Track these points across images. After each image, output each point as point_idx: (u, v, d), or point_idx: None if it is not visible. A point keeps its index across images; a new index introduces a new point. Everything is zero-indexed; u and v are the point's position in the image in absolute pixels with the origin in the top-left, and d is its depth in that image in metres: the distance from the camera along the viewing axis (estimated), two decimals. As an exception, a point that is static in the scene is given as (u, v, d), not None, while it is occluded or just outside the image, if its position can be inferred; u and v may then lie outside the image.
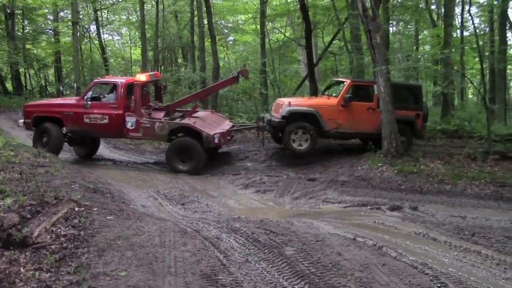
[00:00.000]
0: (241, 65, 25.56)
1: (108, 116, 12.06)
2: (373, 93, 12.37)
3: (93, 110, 12.15)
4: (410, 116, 12.22)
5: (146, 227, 5.90)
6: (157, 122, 12.01)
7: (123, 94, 12.09)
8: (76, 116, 12.25)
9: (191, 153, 11.69)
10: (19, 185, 7.29)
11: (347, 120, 12.26)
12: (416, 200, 8.84)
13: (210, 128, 11.90)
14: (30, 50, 29.78)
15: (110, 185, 9.32)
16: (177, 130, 11.95)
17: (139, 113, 12.11)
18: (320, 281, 4.50)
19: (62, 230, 5.42)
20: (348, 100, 12.19)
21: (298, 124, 12.05)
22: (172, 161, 11.82)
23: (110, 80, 13.41)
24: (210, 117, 13.12)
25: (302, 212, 8.37)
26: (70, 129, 12.55)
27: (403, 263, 5.05)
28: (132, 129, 12.07)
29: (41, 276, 4.32)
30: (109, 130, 12.31)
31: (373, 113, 12.20)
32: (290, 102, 12.39)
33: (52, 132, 12.37)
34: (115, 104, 12.13)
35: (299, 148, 12.14)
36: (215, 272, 4.62)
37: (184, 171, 11.62)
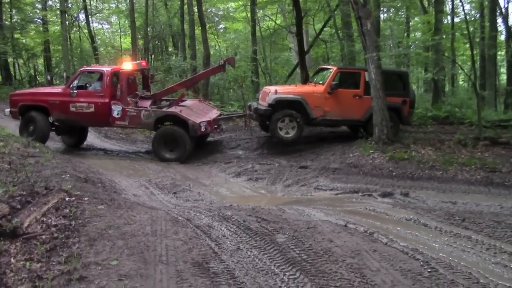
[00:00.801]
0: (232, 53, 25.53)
1: (94, 105, 12.00)
2: (359, 80, 12.37)
3: (79, 98, 12.09)
4: (397, 103, 12.22)
5: (138, 216, 5.89)
6: (143, 111, 11.97)
7: (109, 83, 12.03)
8: (62, 105, 12.18)
9: (177, 141, 11.67)
10: (9, 176, 7.24)
11: (333, 108, 12.27)
12: (407, 187, 8.88)
13: (196, 117, 11.87)
14: (19, 39, 29.40)
15: (101, 175, 9.29)
16: (163, 119, 11.93)
17: (125, 101, 12.05)
18: (312, 268, 4.52)
19: (53, 220, 5.40)
20: (334, 87, 12.18)
21: (285, 112, 12.03)
22: (158, 149, 11.81)
23: (96, 69, 13.26)
24: (197, 105, 13.11)
25: (294, 200, 8.39)
26: (56, 118, 12.47)
27: (394, 249, 5.08)
28: (118, 118, 12.02)
29: (31, 266, 4.30)
30: (95, 119, 12.24)
31: (360, 100, 12.24)
32: (277, 90, 12.37)
33: (38, 121, 12.30)
34: (101, 93, 12.07)
35: (286, 136, 12.12)
36: (207, 260, 4.62)
37: (170, 159, 11.61)
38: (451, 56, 18.78)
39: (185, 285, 4.05)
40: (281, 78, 22.03)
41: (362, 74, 12.36)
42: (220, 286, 4.11)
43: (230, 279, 4.25)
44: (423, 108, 15.93)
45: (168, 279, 4.16)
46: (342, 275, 4.38)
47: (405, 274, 4.44)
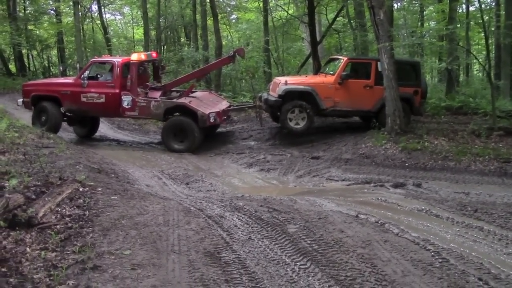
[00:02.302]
0: (244, 44, 25.48)
1: (105, 95, 12.09)
2: (370, 70, 12.30)
3: (90, 89, 12.19)
4: (408, 93, 12.10)
5: (150, 206, 5.95)
6: (153, 101, 12.02)
7: (120, 73, 12.11)
8: (73, 95, 12.29)
9: (186, 132, 11.70)
10: (24, 166, 7.34)
11: (344, 98, 12.21)
12: (420, 177, 8.85)
13: (205, 108, 11.89)
14: (32, 31, 29.59)
15: (115, 165, 9.38)
16: (173, 109, 11.99)
17: (135, 92, 12.12)
18: (323, 258, 4.55)
19: (67, 210, 5.49)
20: (344, 78, 12.14)
21: (295, 103, 11.99)
22: (167, 140, 11.88)
23: (107, 60, 13.42)
24: (207, 97, 13.14)
25: (305, 190, 8.41)
26: (67, 108, 12.59)
27: (405, 240, 5.09)
28: (128, 108, 12.10)
29: (46, 255, 4.38)
30: (106, 109, 12.34)
31: (371, 90, 12.18)
32: (287, 80, 12.34)
33: (50, 111, 12.46)
34: (112, 83, 12.15)
35: (296, 127, 12.09)
36: (219, 250, 4.67)
37: (179, 150, 11.66)
38: (466, 46, 18.57)
39: (197, 275, 4.10)
40: (293, 69, 21.97)
41: (373, 64, 12.29)
42: (232, 275, 4.15)
43: (242, 269, 4.29)
44: (437, 98, 15.77)
45: (180, 268, 4.21)
46: (352, 265, 4.40)
47: (416, 264, 4.45)
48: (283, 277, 4.17)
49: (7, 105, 15.00)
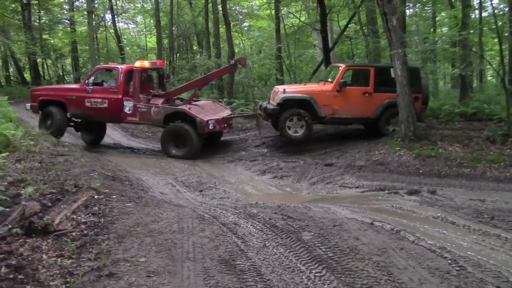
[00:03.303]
0: (256, 51, 25.55)
1: (108, 101, 12.42)
2: (369, 77, 12.28)
3: (94, 94, 12.56)
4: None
5: (165, 213, 5.97)
6: (153, 107, 12.25)
7: (123, 80, 12.43)
8: (78, 100, 12.67)
9: (184, 138, 11.85)
10: (40, 174, 7.42)
11: (343, 106, 12.19)
12: (435, 184, 8.77)
13: (205, 115, 12.02)
14: (47, 40, 30.01)
15: (129, 173, 9.43)
16: (172, 115, 12.14)
17: (137, 98, 12.38)
18: (338, 266, 4.52)
19: (82, 217, 5.52)
20: (342, 85, 12.13)
21: (293, 111, 12.01)
22: (166, 145, 12.08)
23: (111, 66, 13.82)
24: (209, 105, 13.31)
25: (319, 197, 8.38)
26: (72, 113, 12.92)
27: (421, 247, 5.03)
28: (129, 113, 12.39)
29: (63, 262, 4.41)
30: (109, 114, 12.62)
31: (370, 97, 12.18)
32: (285, 89, 12.41)
33: (56, 115, 12.79)
34: (115, 89, 12.49)
35: (294, 135, 12.10)
36: (233, 257, 4.66)
37: (177, 156, 11.81)
38: (479, 51, 18.43)
39: (212, 282, 4.09)
40: (305, 76, 21.96)
41: (371, 71, 12.32)
42: (247, 283, 4.14)
43: (257, 276, 4.28)
44: (450, 104, 15.66)
45: (195, 276, 4.21)
46: (368, 273, 4.36)
47: (432, 272, 4.40)
48: (298, 285, 4.15)
49: (22, 113, 15.14)
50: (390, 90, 12.06)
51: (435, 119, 13.98)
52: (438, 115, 14.18)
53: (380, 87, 12.18)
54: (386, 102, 12.11)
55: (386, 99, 12.11)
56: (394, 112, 12.01)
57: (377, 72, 12.35)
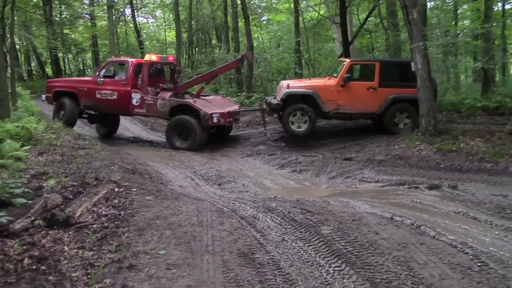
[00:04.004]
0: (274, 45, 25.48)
1: (117, 93, 12.82)
2: (374, 72, 12.18)
3: (105, 86, 12.96)
4: (414, 94, 11.79)
5: (184, 207, 6.00)
6: (160, 100, 12.54)
7: (132, 73, 12.82)
8: (89, 92, 13.10)
9: (189, 130, 12.05)
10: (61, 167, 7.51)
11: (347, 101, 12.13)
12: (455, 179, 8.64)
13: (210, 108, 12.17)
14: (68, 35, 30.34)
15: (148, 166, 9.49)
16: (178, 108, 12.33)
17: (145, 90, 12.72)
18: (357, 260, 4.49)
19: (103, 210, 5.58)
20: (347, 80, 12.05)
21: (296, 106, 12.04)
22: (170, 137, 12.34)
23: (122, 59, 14.22)
24: (217, 100, 13.51)
25: (338, 192, 8.33)
26: (84, 104, 13.36)
27: (442, 242, 4.97)
28: (137, 105, 12.72)
29: (84, 254, 4.46)
30: (117, 106, 12.94)
31: (375, 92, 12.07)
32: (289, 84, 12.43)
33: (67, 106, 13.21)
34: (124, 82, 12.86)
35: (298, 130, 12.13)
36: (252, 251, 4.67)
37: (181, 148, 12.02)
38: (502, 45, 18.10)
39: (231, 275, 4.11)
40: (324, 69, 21.83)
41: (376, 66, 12.21)
42: (266, 276, 4.14)
43: (276, 270, 4.28)
44: (472, 98, 15.43)
45: (215, 268, 4.22)
46: (388, 267, 4.33)
47: (453, 268, 4.35)
48: (317, 279, 4.14)
49: (43, 107, 15.36)
50: (395, 85, 11.99)
51: (456, 113, 13.78)
52: (459, 109, 13.98)
53: (385, 82, 12.06)
54: (392, 97, 12.00)
55: (391, 94, 12.00)
56: (400, 107, 11.93)
57: (382, 66, 12.23)
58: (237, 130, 14.54)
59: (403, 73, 12.26)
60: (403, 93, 11.92)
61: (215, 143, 13.19)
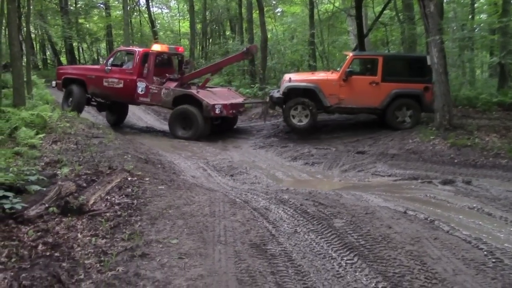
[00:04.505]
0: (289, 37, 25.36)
1: (123, 81, 13.01)
2: (377, 66, 12.05)
3: (112, 74, 13.17)
4: (417, 90, 11.78)
5: (196, 197, 6.01)
6: (164, 89, 12.71)
7: (139, 62, 12.99)
8: (97, 79, 13.33)
9: (191, 120, 12.17)
10: (75, 155, 7.57)
11: (349, 95, 12.03)
12: (470, 174, 8.56)
13: (213, 99, 12.27)
14: (83, 24, 30.46)
15: (161, 156, 9.53)
16: (181, 98, 12.46)
17: (150, 80, 12.86)
18: (370, 254, 4.47)
19: (116, 198, 5.61)
20: (349, 75, 11.95)
21: (297, 100, 12.01)
22: (173, 127, 12.49)
23: (130, 49, 14.48)
24: (222, 92, 13.65)
25: (351, 185, 8.30)
26: (91, 91, 13.61)
27: (456, 238, 4.93)
28: (142, 94, 12.89)
29: (97, 242, 4.49)
30: (123, 94, 13.12)
31: (377, 87, 11.95)
32: (291, 78, 12.40)
33: (75, 92, 13.45)
34: (131, 70, 13.03)
35: (299, 124, 12.12)
36: (264, 242, 4.66)
37: (182, 137, 12.16)
38: (520, 39, 17.82)
39: (243, 266, 4.10)
40: (338, 62, 21.68)
41: (379, 60, 12.08)
42: (278, 268, 4.13)
43: (288, 262, 4.27)
44: (488, 93, 15.24)
45: (227, 259, 4.23)
46: (401, 262, 4.30)
47: (467, 263, 4.30)
48: (329, 272, 4.13)
49: (58, 96, 15.45)
50: (398, 80, 11.86)
51: (472, 108, 13.61)
52: (475, 104, 13.81)
53: (388, 76, 11.93)
54: (394, 92, 11.88)
55: (394, 89, 11.88)
56: (402, 102, 11.81)
57: (385, 61, 12.11)
58: (250, 121, 14.53)
59: (407, 68, 12.19)
60: (406, 88, 11.83)
61: (228, 135, 13.22)
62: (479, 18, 23.73)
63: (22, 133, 8.25)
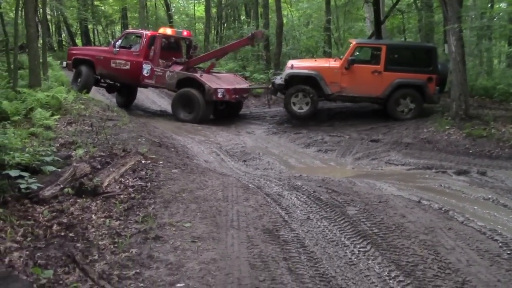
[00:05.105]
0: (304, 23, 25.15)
1: (130, 63, 13.20)
2: (380, 55, 11.89)
3: (119, 56, 13.35)
4: (420, 80, 11.60)
5: (210, 181, 6.02)
6: (168, 72, 12.85)
7: (146, 44, 13.17)
8: (105, 61, 13.51)
9: (193, 103, 12.27)
10: (89, 137, 7.61)
11: (351, 84, 11.91)
12: (485, 165, 8.47)
13: (217, 83, 12.35)
14: (98, 6, 30.43)
15: (174, 140, 9.55)
16: (185, 81, 12.56)
17: (156, 62, 13.01)
18: (383, 242, 4.45)
19: (130, 181, 5.64)
20: (351, 63, 11.81)
21: (298, 87, 11.97)
22: (176, 109, 12.63)
23: (137, 31, 14.71)
24: (227, 77, 13.71)
25: (364, 173, 8.25)
26: (99, 72, 13.79)
27: (470, 228, 4.89)
28: (147, 76, 13.02)
29: (111, 223, 4.53)
30: (129, 76, 13.26)
31: (379, 76, 11.81)
32: (293, 65, 12.36)
33: (84, 72, 13.60)
34: (138, 53, 13.21)
35: (299, 111, 12.10)
36: (277, 228, 4.66)
37: (184, 120, 12.29)
38: (539, 29, 17.52)
39: (255, 251, 4.11)
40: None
41: (382, 49, 11.91)
42: (290, 254, 4.14)
43: (300, 248, 4.27)
44: (505, 83, 15.02)
45: (239, 243, 4.23)
46: (414, 251, 4.28)
47: (482, 254, 4.27)
48: (342, 259, 4.12)
49: (73, 78, 15.51)
50: (401, 69, 11.71)
51: (488, 99, 13.44)
52: (491, 95, 13.62)
53: (391, 66, 11.78)
54: (396, 82, 11.73)
55: (396, 79, 11.73)
56: (405, 93, 11.67)
57: (389, 50, 11.95)
58: (263, 107, 14.47)
59: (411, 57, 12.05)
60: (409, 78, 11.68)
61: (241, 120, 13.22)
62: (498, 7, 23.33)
63: (37, 114, 8.30)
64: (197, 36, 27.59)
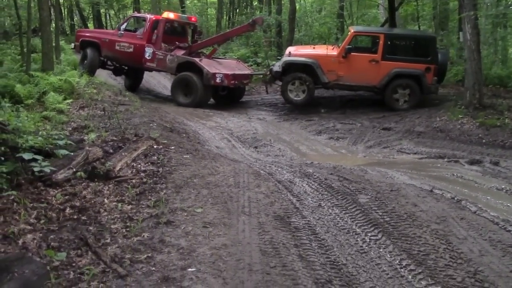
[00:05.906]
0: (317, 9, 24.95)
1: (133, 46, 13.39)
2: (378, 44, 11.75)
3: (124, 39, 13.57)
4: (418, 70, 11.44)
5: (221, 167, 6.03)
6: (169, 55, 12.98)
7: (149, 28, 13.35)
8: (110, 43, 13.72)
9: (191, 87, 12.41)
10: (102, 121, 7.65)
11: (348, 72, 11.82)
12: (498, 155, 8.37)
13: (216, 68, 12.42)
14: (111, -10, 30.34)
15: (186, 126, 9.56)
16: (185, 65, 12.68)
17: (158, 46, 13.18)
18: (394, 231, 4.43)
19: (142, 166, 5.66)
20: (348, 51, 11.70)
21: (295, 75, 11.97)
22: (174, 93, 12.82)
23: (142, 15, 15.07)
24: (229, 63, 13.82)
25: (375, 161, 8.21)
26: (104, 54, 14.02)
27: (483, 218, 4.85)
28: (149, 59, 13.21)
29: (123, 207, 4.55)
30: (132, 58, 13.48)
31: (377, 65, 11.69)
32: (291, 52, 12.35)
33: (89, 54, 13.80)
34: (141, 36, 13.42)
35: (296, 99, 12.16)
36: (288, 214, 4.66)
37: (183, 104, 12.44)
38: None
39: (266, 237, 4.11)
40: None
41: (381, 38, 11.77)
42: (301, 240, 4.14)
43: (311, 235, 4.27)
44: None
45: (250, 230, 4.24)
46: (426, 240, 4.26)
47: (494, 245, 4.24)
48: (353, 247, 4.11)
49: (85, 63, 15.54)
50: (399, 59, 11.58)
51: (503, 88, 13.27)
52: (506, 84, 13.45)
53: (388, 55, 11.66)
54: (394, 72, 11.59)
55: (394, 69, 11.59)
56: (402, 83, 11.54)
57: (387, 39, 11.82)
58: (275, 94, 14.41)
59: (410, 47, 11.92)
60: (407, 68, 11.54)
61: (252, 106, 13.19)
62: (515, -6, 22.93)
63: (50, 97, 8.35)
64: (209, 22, 27.50)
